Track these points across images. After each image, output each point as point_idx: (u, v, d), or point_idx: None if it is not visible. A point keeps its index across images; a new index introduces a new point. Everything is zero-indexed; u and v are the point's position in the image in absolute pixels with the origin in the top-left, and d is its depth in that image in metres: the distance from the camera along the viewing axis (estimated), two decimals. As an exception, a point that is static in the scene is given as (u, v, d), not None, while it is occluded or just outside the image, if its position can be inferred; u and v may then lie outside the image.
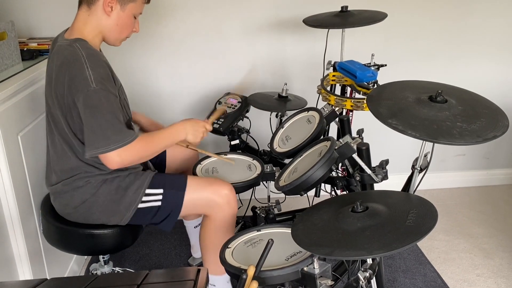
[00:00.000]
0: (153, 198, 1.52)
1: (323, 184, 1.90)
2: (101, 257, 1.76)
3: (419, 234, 0.99)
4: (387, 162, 1.49)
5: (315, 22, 1.93)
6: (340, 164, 1.88)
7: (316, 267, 1.18)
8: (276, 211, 1.80)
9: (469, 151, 2.77)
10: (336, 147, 1.42)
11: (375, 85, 1.80)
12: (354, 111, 1.91)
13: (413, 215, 1.07)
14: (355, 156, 1.45)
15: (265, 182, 1.78)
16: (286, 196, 1.62)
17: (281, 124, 1.87)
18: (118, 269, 1.86)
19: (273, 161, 1.90)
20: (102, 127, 1.33)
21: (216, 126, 1.95)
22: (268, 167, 1.74)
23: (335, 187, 1.66)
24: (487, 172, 2.84)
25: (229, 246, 1.33)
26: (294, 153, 1.65)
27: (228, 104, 2.07)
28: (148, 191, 1.52)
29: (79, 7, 1.46)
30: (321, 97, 1.89)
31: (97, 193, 1.49)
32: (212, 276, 1.66)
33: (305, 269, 1.19)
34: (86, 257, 2.16)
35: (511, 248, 2.25)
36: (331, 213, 1.20)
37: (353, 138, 1.46)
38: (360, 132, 1.53)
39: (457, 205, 2.64)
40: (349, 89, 2.08)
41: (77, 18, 1.47)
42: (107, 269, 1.77)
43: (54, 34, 2.21)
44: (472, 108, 1.19)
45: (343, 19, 1.92)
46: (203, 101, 2.44)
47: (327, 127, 1.92)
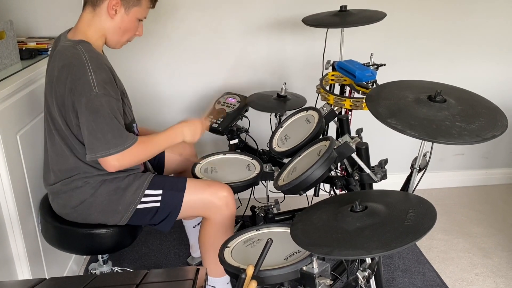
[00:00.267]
0: (152, 199, 1.52)
1: (322, 184, 1.90)
2: (100, 256, 1.76)
3: (418, 233, 0.99)
4: (386, 161, 1.49)
5: (314, 21, 1.93)
6: (339, 164, 1.88)
7: (315, 266, 1.18)
8: (275, 211, 1.80)
9: (468, 150, 2.77)
10: (335, 147, 1.42)
11: (374, 85, 1.80)
12: (353, 110, 1.91)
13: (412, 214, 1.07)
14: (354, 155, 1.45)
15: (264, 182, 1.78)
16: (285, 195, 1.62)
17: (280, 124, 1.87)
18: (117, 268, 1.86)
19: (272, 160, 1.90)
20: (103, 131, 1.34)
21: (215, 125, 1.95)
22: (267, 166, 1.74)
23: (334, 187, 1.66)
24: (486, 172, 2.85)
25: (228, 246, 1.33)
26: (293, 153, 1.65)
27: (227, 103, 2.06)
28: (148, 191, 1.52)
29: (84, 8, 1.46)
30: (320, 96, 1.89)
31: (96, 193, 1.49)
32: (212, 278, 1.66)
33: (304, 268, 1.19)
34: (85, 256, 2.16)
35: (509, 248, 2.25)
36: (330, 212, 1.20)
37: (352, 138, 1.46)
38: (359, 131, 1.53)
39: (456, 205, 2.64)
40: (348, 88, 2.08)
41: (81, 19, 1.47)
42: (106, 268, 1.77)
43: (53, 34, 2.23)
44: (471, 107, 1.19)
45: (342, 18, 1.92)
46: (202, 101, 2.44)
47: (326, 126, 1.92)
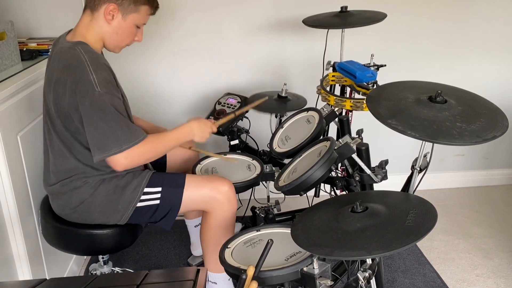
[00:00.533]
0: (151, 196, 1.52)
1: (322, 184, 1.90)
2: (100, 257, 1.76)
3: (418, 234, 0.99)
4: (386, 162, 1.49)
5: (315, 22, 1.93)
6: (340, 164, 1.88)
7: (316, 267, 1.18)
8: (275, 211, 1.80)
9: (468, 151, 2.77)
10: (336, 147, 1.42)
11: (375, 86, 1.80)
12: (354, 111, 1.91)
13: (412, 215, 1.07)
14: (354, 156, 1.45)
15: (264, 182, 1.78)
16: (285, 196, 1.62)
17: (280, 124, 1.87)
18: (117, 269, 1.86)
19: (272, 161, 1.90)
20: (112, 129, 1.34)
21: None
22: (268, 167, 1.74)
23: (334, 187, 1.66)
24: (486, 172, 2.84)
25: (228, 246, 1.33)
26: (293, 153, 1.65)
27: (228, 104, 2.07)
28: (147, 189, 1.52)
29: (83, 11, 1.46)
30: (320, 97, 1.89)
31: (95, 193, 1.49)
32: (213, 274, 1.66)
33: (305, 269, 1.19)
34: (85, 257, 2.16)
35: (510, 248, 2.25)
36: (331, 213, 1.20)
37: (352, 138, 1.46)
38: (359, 132, 1.53)
39: (457, 205, 2.64)
40: (348, 89, 2.08)
41: (80, 22, 1.47)
42: (106, 269, 1.77)
43: (54, 34, 2.23)
44: (471, 108, 1.19)
45: (343, 19, 1.92)
46: (203, 101, 2.44)
47: (327, 127, 1.92)
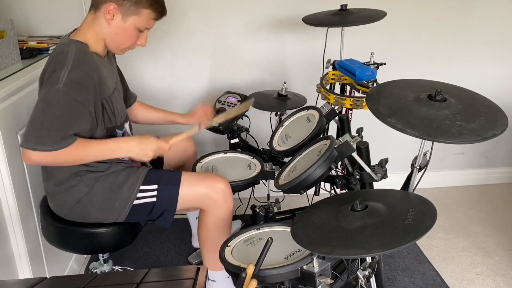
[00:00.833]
0: (148, 194, 1.52)
1: (322, 183, 1.91)
2: (100, 255, 1.76)
3: (418, 232, 0.99)
4: (386, 160, 1.50)
5: (315, 20, 1.93)
6: (340, 163, 1.88)
7: (316, 265, 1.18)
8: (275, 210, 1.80)
9: (468, 149, 2.77)
10: (336, 146, 1.42)
11: (375, 84, 1.80)
12: (354, 109, 1.91)
13: (412, 213, 1.07)
14: (354, 154, 1.45)
15: (264, 181, 1.78)
16: (285, 194, 1.62)
17: (280, 123, 1.87)
18: (117, 267, 1.86)
19: (272, 159, 1.90)
20: (42, 125, 1.31)
21: (215, 125, 1.95)
22: (268, 165, 1.74)
23: (334, 186, 1.66)
24: (486, 171, 2.84)
25: (228, 245, 1.33)
26: (293, 152, 1.65)
27: (228, 102, 2.06)
28: (143, 187, 1.52)
29: (89, 10, 1.46)
30: (320, 95, 1.89)
31: (91, 191, 1.49)
32: (212, 272, 1.66)
33: (305, 267, 1.19)
34: (85, 256, 2.16)
35: (510, 247, 2.25)
36: (331, 211, 1.20)
37: (352, 137, 1.46)
38: (359, 130, 1.53)
39: (456, 204, 2.64)
40: (348, 87, 2.08)
41: (84, 20, 1.47)
42: (106, 267, 1.77)
43: (53, 33, 2.23)
44: (471, 107, 1.19)
45: (343, 17, 1.92)
46: (203, 100, 2.43)
47: (327, 125, 1.92)
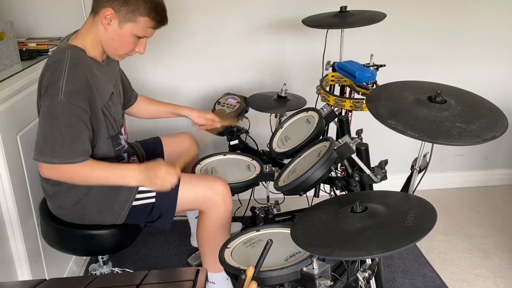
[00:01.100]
0: (146, 195, 1.52)
1: (322, 185, 1.90)
2: (100, 257, 1.76)
3: (418, 234, 0.99)
4: (386, 162, 1.49)
5: (314, 22, 1.93)
6: (339, 165, 1.88)
7: (315, 267, 1.18)
8: (275, 211, 1.80)
9: (468, 151, 2.77)
10: (335, 147, 1.42)
11: (374, 86, 1.80)
12: (353, 111, 1.91)
13: (412, 215, 1.07)
14: (354, 156, 1.45)
15: (264, 182, 1.78)
16: (285, 196, 1.62)
17: (280, 124, 1.87)
18: (117, 269, 1.86)
19: (272, 161, 1.90)
20: (54, 138, 1.33)
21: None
22: (267, 167, 1.74)
23: (334, 188, 1.65)
24: (486, 173, 2.84)
25: (228, 246, 1.33)
26: (293, 153, 1.65)
27: (227, 104, 2.06)
28: (142, 188, 1.51)
29: (90, 14, 1.46)
30: (320, 97, 1.89)
31: (90, 193, 1.49)
32: (211, 274, 1.66)
33: (304, 269, 1.19)
34: (85, 257, 2.16)
35: (510, 248, 2.25)
36: (330, 213, 1.20)
37: (352, 139, 1.46)
38: (359, 132, 1.53)
39: (456, 206, 2.64)
40: (348, 89, 2.08)
41: (84, 24, 1.47)
42: (106, 269, 1.77)
43: (53, 35, 2.23)
44: (471, 108, 1.19)
45: (342, 19, 1.92)
46: (203, 101, 2.44)
47: (326, 127, 1.92)
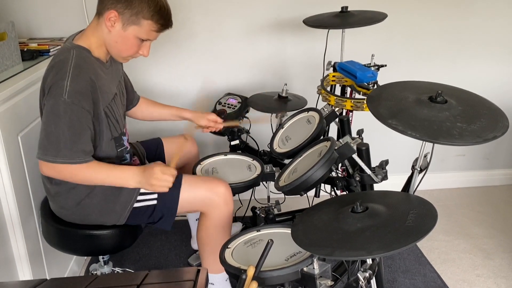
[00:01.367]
0: (148, 197, 1.52)
1: (323, 185, 1.90)
2: (100, 257, 1.76)
3: (419, 234, 0.99)
4: (387, 162, 1.49)
5: (315, 22, 1.93)
6: (340, 165, 1.88)
7: (316, 267, 1.18)
8: (276, 212, 1.80)
9: (469, 151, 2.77)
10: (336, 148, 1.42)
11: (375, 86, 1.80)
12: (354, 111, 1.91)
13: (413, 215, 1.07)
14: (355, 156, 1.45)
15: (265, 183, 1.78)
16: (286, 196, 1.62)
17: (281, 125, 1.87)
18: (118, 269, 1.86)
19: (273, 161, 1.90)
20: (58, 138, 1.33)
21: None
22: (268, 167, 1.74)
23: (335, 188, 1.66)
24: (487, 173, 2.84)
25: (228, 246, 1.33)
26: (294, 154, 1.65)
27: (228, 104, 2.07)
28: (143, 190, 1.51)
29: (95, 15, 1.46)
30: (321, 97, 1.89)
31: (92, 193, 1.49)
32: (211, 275, 1.65)
33: (305, 269, 1.19)
34: (86, 257, 2.16)
35: (511, 249, 2.25)
36: (331, 213, 1.20)
37: (353, 139, 1.46)
38: (360, 132, 1.53)
39: (457, 206, 2.64)
40: (349, 89, 2.08)
41: (89, 25, 1.48)
42: (107, 269, 1.77)
43: (54, 35, 2.24)
44: (472, 108, 1.19)
45: (343, 19, 1.92)
46: (202, 101, 2.44)
47: (327, 127, 1.92)
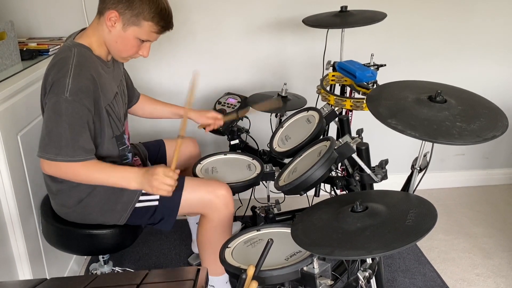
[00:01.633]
0: (150, 197, 1.52)
1: (322, 184, 1.90)
2: (100, 257, 1.76)
3: (418, 233, 0.99)
4: (386, 162, 1.49)
5: (315, 22, 1.93)
6: (340, 164, 1.88)
7: (316, 266, 1.18)
8: (275, 211, 1.80)
9: (468, 151, 2.77)
10: (336, 147, 1.42)
11: (375, 85, 1.80)
12: (354, 111, 1.91)
13: (412, 214, 1.07)
14: (354, 156, 1.45)
15: (264, 182, 1.78)
16: (285, 195, 1.62)
17: (280, 124, 1.87)
18: (118, 268, 1.86)
19: (272, 160, 1.90)
20: (59, 136, 1.33)
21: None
22: (268, 166, 1.74)
23: (334, 187, 1.66)
24: (486, 172, 2.84)
25: (228, 246, 1.33)
26: (293, 153, 1.65)
27: (228, 104, 2.06)
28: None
29: (96, 14, 1.46)
30: (320, 97, 1.89)
31: (93, 192, 1.49)
32: (211, 277, 1.66)
33: (305, 268, 1.19)
34: (86, 256, 2.16)
35: (510, 248, 2.25)
36: (331, 213, 1.20)
37: (352, 138, 1.46)
38: (359, 132, 1.53)
39: (457, 205, 2.64)
40: (348, 89, 2.08)
41: (91, 24, 1.48)
42: (106, 269, 1.77)
43: (54, 34, 2.23)
44: (471, 108, 1.19)
45: (343, 19, 1.92)
46: (203, 101, 2.44)
47: (327, 127, 1.92)
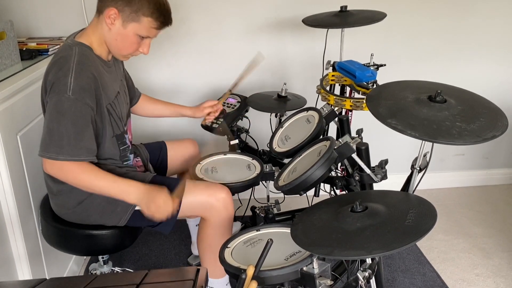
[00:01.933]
0: None
1: (322, 184, 1.90)
2: (100, 257, 1.76)
3: (418, 234, 0.99)
4: (386, 162, 1.49)
5: (315, 22, 1.93)
6: (340, 164, 1.88)
7: (316, 267, 1.18)
8: (275, 211, 1.80)
9: (468, 151, 2.77)
10: (336, 147, 1.42)
11: (375, 85, 1.80)
12: (354, 111, 1.91)
13: (412, 214, 1.07)
14: (354, 156, 1.45)
15: (264, 182, 1.78)
16: (285, 195, 1.62)
17: (280, 124, 1.87)
18: (117, 269, 1.86)
19: (272, 160, 1.90)
20: (61, 135, 1.33)
21: (215, 125, 1.95)
22: (268, 166, 1.74)
23: (334, 187, 1.66)
24: (486, 172, 2.84)
25: (228, 246, 1.33)
26: (293, 153, 1.65)
27: (228, 103, 2.06)
28: None
29: (95, 13, 1.46)
30: (320, 97, 1.89)
31: (94, 194, 1.48)
32: (211, 279, 1.66)
33: (305, 269, 1.19)
34: (85, 257, 2.16)
35: (510, 248, 2.25)
36: (331, 213, 1.20)
37: (352, 138, 1.46)
38: (359, 132, 1.53)
39: (456, 205, 2.64)
40: (348, 89, 2.08)
41: (90, 23, 1.48)
42: (106, 269, 1.77)
43: (53, 34, 2.23)
44: (471, 108, 1.19)
45: (343, 19, 1.92)
46: (202, 101, 2.43)
47: (327, 127, 1.92)
